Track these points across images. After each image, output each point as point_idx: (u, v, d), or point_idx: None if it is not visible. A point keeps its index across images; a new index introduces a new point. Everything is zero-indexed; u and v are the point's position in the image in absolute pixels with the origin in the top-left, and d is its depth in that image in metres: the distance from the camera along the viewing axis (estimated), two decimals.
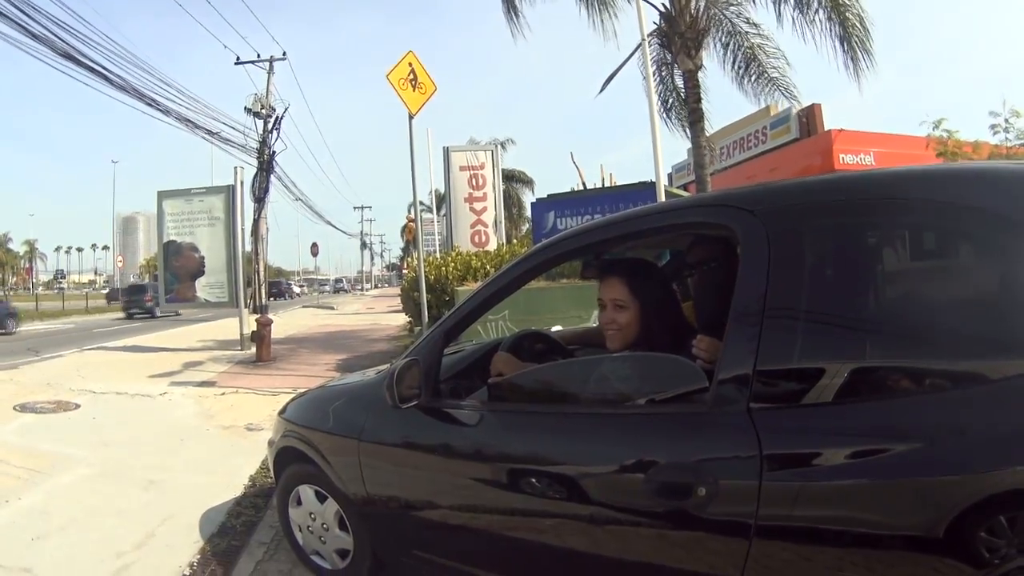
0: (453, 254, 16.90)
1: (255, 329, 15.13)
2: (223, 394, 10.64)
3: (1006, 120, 14.98)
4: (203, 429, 8.25)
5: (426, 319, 11.56)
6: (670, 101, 19.21)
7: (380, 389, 3.59)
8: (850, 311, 2.54)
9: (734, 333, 2.58)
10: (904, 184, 2.75)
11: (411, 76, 11.42)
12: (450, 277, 14.34)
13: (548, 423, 3.13)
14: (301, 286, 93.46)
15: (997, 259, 2.56)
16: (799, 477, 2.39)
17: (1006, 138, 15.04)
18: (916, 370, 2.40)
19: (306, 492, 4.15)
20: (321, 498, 4.05)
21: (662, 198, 10.29)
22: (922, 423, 2.29)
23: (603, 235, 3.34)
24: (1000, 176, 2.66)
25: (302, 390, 5.39)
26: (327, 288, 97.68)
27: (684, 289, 3.77)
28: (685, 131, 18.22)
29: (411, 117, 11.55)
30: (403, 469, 3.59)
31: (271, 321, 15.46)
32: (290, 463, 4.32)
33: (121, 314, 38.71)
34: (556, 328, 4.58)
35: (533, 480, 2.99)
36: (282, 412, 4.63)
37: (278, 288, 71.97)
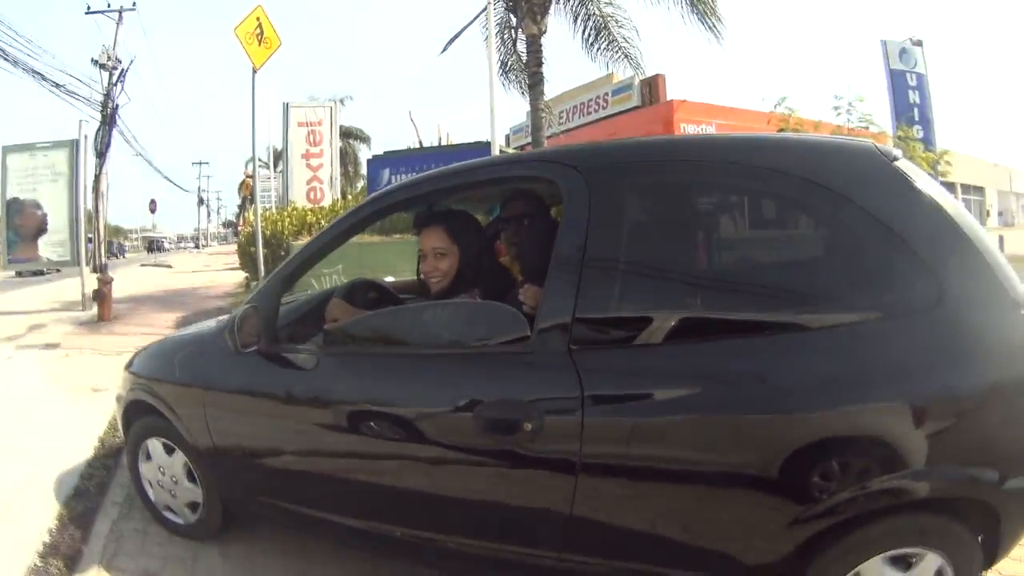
0: (289, 209, 16.81)
1: (96, 288, 14.55)
2: (67, 356, 10.27)
3: (849, 104, 15.58)
4: (50, 392, 7.99)
5: (263, 273, 11.50)
6: (509, 63, 19.35)
7: (222, 337, 3.67)
8: (665, 262, 2.73)
9: (554, 281, 2.72)
10: (717, 148, 3.00)
11: (258, 31, 11.25)
12: (286, 232, 14.28)
13: (381, 364, 3.23)
14: (171, 244, 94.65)
15: (811, 221, 2.86)
16: (619, 414, 2.58)
17: (848, 119, 15.63)
18: (730, 318, 2.59)
19: (155, 445, 4.14)
20: (169, 450, 4.06)
21: None
22: (736, 367, 2.51)
23: (434, 186, 3.44)
24: (817, 147, 2.90)
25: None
26: (186, 245, 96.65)
27: (505, 243, 3.90)
28: (524, 93, 18.42)
29: (255, 71, 11.38)
30: (246, 415, 3.64)
31: (112, 280, 14.89)
32: (138, 417, 4.30)
33: None
34: (389, 279, 4.67)
35: (368, 420, 3.11)
36: (128, 366, 4.58)
37: (109, 249, 70.99)
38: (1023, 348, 2.45)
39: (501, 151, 11.75)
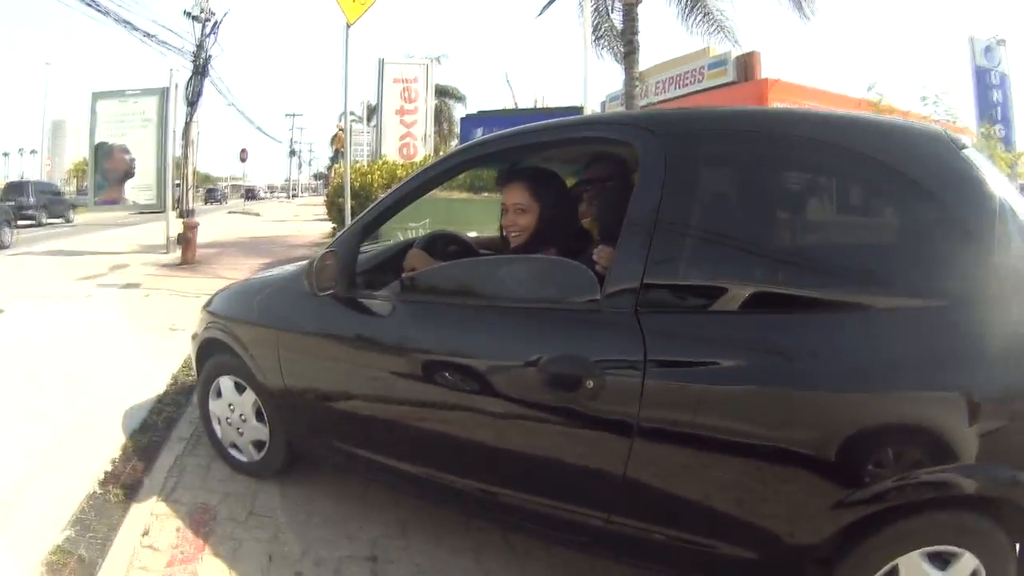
0: (380, 163, 16.88)
1: (181, 232, 14.91)
2: (148, 296, 10.52)
3: (936, 96, 15.32)
4: (127, 330, 8.18)
5: (349, 224, 11.53)
6: (602, 29, 19.42)
7: (300, 281, 3.73)
8: (735, 232, 2.70)
9: (626, 243, 2.73)
10: (791, 122, 2.99)
11: None
12: (375, 185, 14.33)
13: (454, 314, 3.27)
14: (267, 193, 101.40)
15: (878, 201, 2.85)
16: (680, 379, 2.57)
17: (935, 111, 15.36)
18: (795, 293, 2.57)
19: (226, 383, 4.24)
20: (240, 389, 4.15)
21: None
22: (797, 342, 2.50)
23: (511, 143, 3.50)
24: (889, 129, 2.88)
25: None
26: (278, 195, 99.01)
27: (586, 204, 3.89)
28: (618, 61, 18.49)
29: (348, 27, 11.40)
30: (318, 357, 3.71)
31: (197, 224, 15.23)
32: (212, 355, 4.40)
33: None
34: (472, 234, 4.68)
35: (437, 369, 3.16)
36: (207, 305, 4.69)
37: (213, 195, 72.92)
38: None
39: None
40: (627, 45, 16.82)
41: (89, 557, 3.37)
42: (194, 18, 21.10)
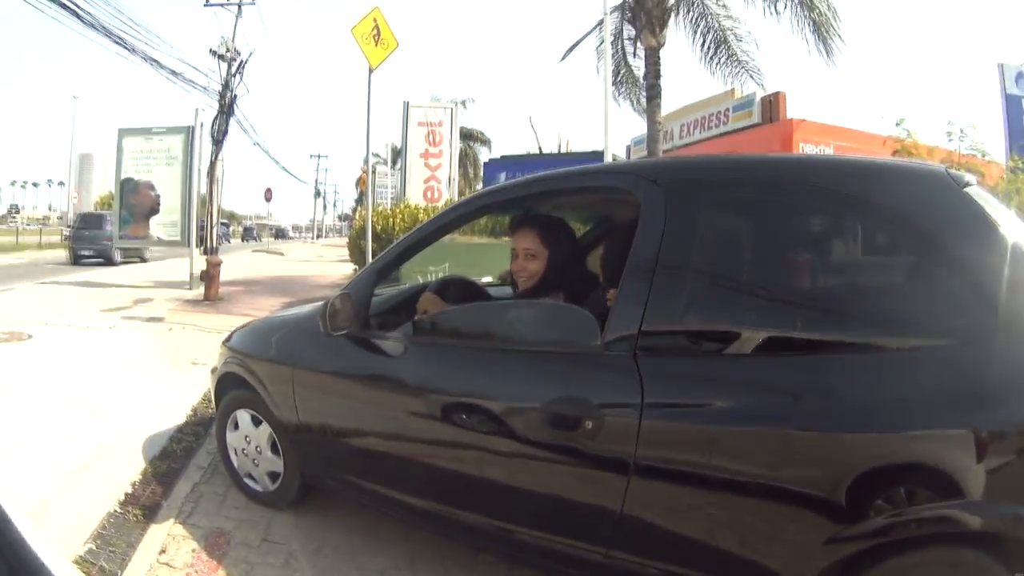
0: (402, 206, 17.04)
1: (205, 269, 15.07)
2: (170, 330, 10.68)
3: (961, 130, 15.10)
4: (149, 362, 8.33)
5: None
6: (621, 73, 19.57)
7: (316, 321, 3.86)
8: (733, 277, 2.83)
9: (626, 288, 2.85)
10: (791, 169, 3.10)
11: (375, 32, 11.47)
12: (396, 228, 14.51)
13: (463, 356, 3.42)
14: (296, 233, 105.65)
15: (879, 244, 2.92)
16: (676, 419, 2.68)
17: (959, 147, 15.16)
18: (791, 335, 2.67)
19: (243, 416, 4.38)
20: (256, 422, 4.29)
21: None
22: (793, 383, 2.58)
23: (520, 192, 3.68)
24: (885, 171, 2.94)
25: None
26: (304, 236, 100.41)
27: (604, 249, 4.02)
28: (632, 104, 18.77)
29: (371, 71, 11.65)
30: (332, 395, 3.85)
31: (221, 262, 15.42)
32: (231, 389, 4.55)
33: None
34: (486, 279, 4.84)
35: (446, 409, 3.27)
36: (226, 341, 4.87)
37: (250, 234, 75.26)
38: None
39: (614, 159, 11.95)
40: (649, 90, 16.89)
41: (109, 569, 3.54)
42: (220, 57, 21.31)
